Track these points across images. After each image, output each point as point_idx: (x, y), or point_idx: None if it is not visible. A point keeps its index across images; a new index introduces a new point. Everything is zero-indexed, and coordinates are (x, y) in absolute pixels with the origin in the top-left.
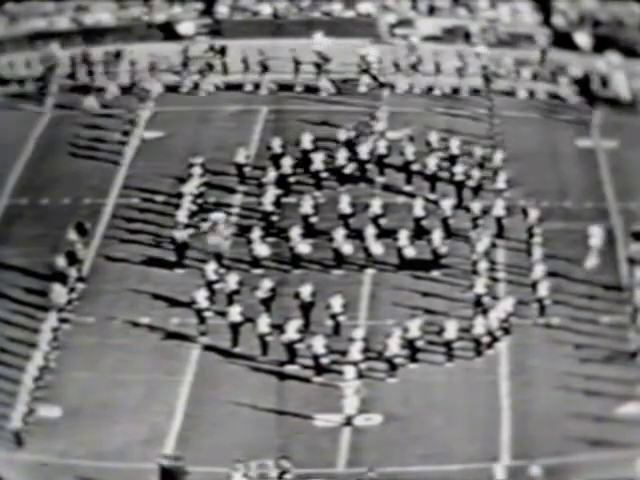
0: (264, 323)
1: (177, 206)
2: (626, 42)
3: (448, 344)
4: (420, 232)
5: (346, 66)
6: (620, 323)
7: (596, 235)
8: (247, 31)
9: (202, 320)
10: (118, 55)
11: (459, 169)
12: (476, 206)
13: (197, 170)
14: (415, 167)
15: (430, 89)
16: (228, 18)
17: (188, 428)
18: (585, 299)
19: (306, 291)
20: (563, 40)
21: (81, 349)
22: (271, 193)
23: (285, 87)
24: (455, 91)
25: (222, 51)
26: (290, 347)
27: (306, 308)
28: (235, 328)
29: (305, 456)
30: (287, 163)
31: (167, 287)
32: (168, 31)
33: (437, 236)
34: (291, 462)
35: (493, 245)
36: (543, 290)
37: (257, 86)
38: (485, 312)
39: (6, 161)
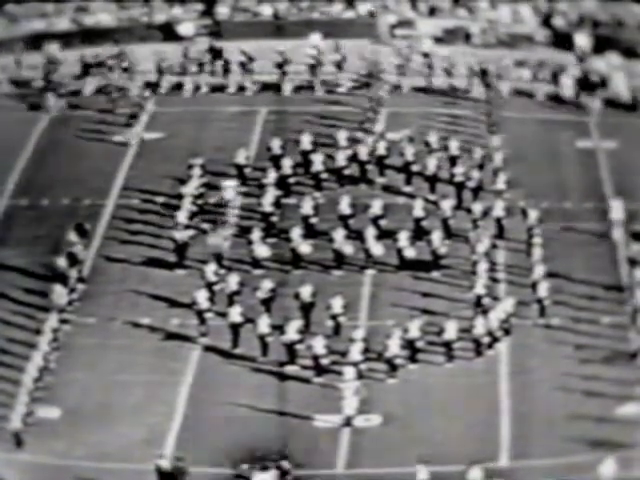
0: (264, 324)
1: (177, 207)
2: (626, 43)
3: (448, 344)
4: (420, 233)
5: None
6: (620, 324)
7: (617, 208)
8: (247, 32)
9: (202, 321)
10: (120, 55)
11: (459, 170)
12: (476, 207)
13: (197, 171)
14: (415, 168)
15: (429, 89)
16: (229, 19)
17: (188, 429)
18: (585, 300)
19: (306, 292)
20: (563, 40)
21: (81, 350)
22: (271, 194)
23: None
24: (455, 91)
25: (215, 52)
26: (290, 348)
27: (306, 309)
28: (235, 329)
29: (305, 457)
30: (287, 164)
31: (167, 288)
32: (168, 32)
33: (437, 237)
34: (291, 463)
35: (493, 246)
36: (543, 291)
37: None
38: (485, 312)
39: (6, 162)
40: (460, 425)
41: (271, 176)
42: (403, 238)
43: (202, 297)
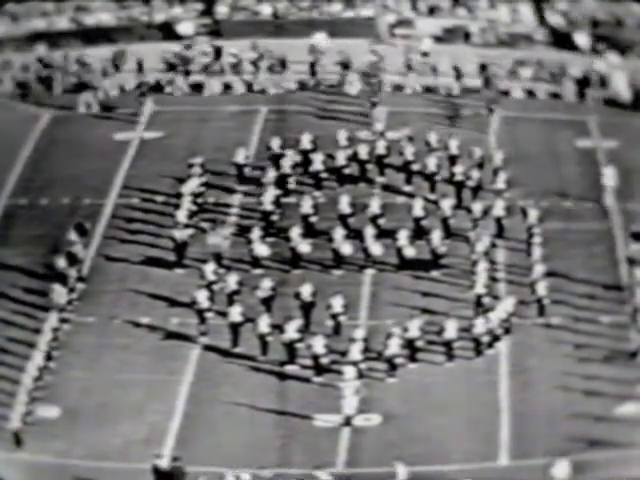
0: (264, 323)
1: (177, 206)
2: (626, 42)
3: (448, 344)
4: (420, 232)
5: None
6: (620, 323)
7: (609, 175)
8: (247, 31)
9: (202, 320)
10: (121, 54)
11: (459, 169)
12: (476, 206)
13: (197, 170)
14: (415, 167)
15: (429, 89)
16: (228, 18)
17: (188, 428)
18: (585, 299)
19: (306, 291)
20: (563, 40)
21: (81, 349)
22: (271, 193)
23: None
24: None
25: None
26: (290, 347)
27: (306, 308)
28: (235, 328)
29: (304, 456)
30: (287, 163)
31: (167, 287)
32: (168, 31)
33: (436, 236)
34: (271, 471)
35: (493, 245)
36: (542, 290)
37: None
38: (485, 312)
39: (6, 161)
40: (460, 424)
41: (270, 175)
42: (403, 237)
43: (202, 296)
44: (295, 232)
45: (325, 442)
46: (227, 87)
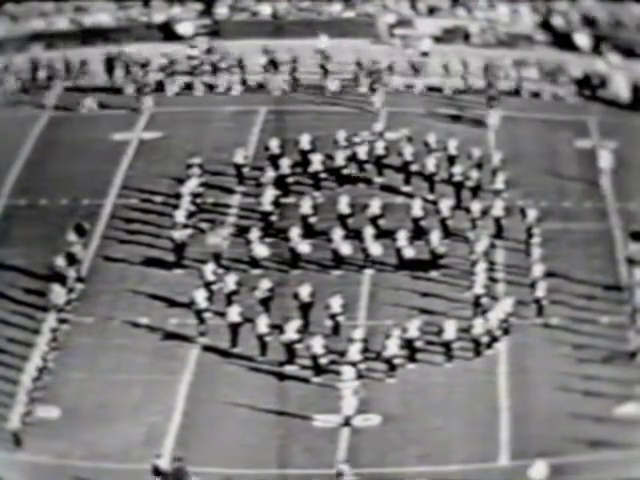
0: (263, 323)
1: (175, 206)
2: (626, 42)
3: (447, 344)
4: (419, 232)
5: (346, 66)
6: (619, 323)
7: (605, 157)
8: (246, 32)
9: (201, 320)
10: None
11: (458, 169)
12: (475, 207)
13: (195, 171)
14: (414, 167)
15: (429, 89)
16: (227, 18)
17: (187, 428)
18: (584, 299)
19: (305, 291)
20: (562, 40)
21: (80, 349)
22: (270, 193)
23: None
24: (454, 91)
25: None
26: (289, 347)
27: (305, 308)
28: (234, 328)
29: (304, 456)
30: (285, 163)
31: (166, 287)
32: (167, 31)
33: (435, 236)
34: None
35: (492, 245)
36: (541, 290)
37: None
38: (484, 312)
39: (5, 161)
40: (459, 425)
41: (269, 175)
42: (402, 238)
43: (201, 297)
44: (294, 232)
45: (324, 442)
46: (188, 87)
